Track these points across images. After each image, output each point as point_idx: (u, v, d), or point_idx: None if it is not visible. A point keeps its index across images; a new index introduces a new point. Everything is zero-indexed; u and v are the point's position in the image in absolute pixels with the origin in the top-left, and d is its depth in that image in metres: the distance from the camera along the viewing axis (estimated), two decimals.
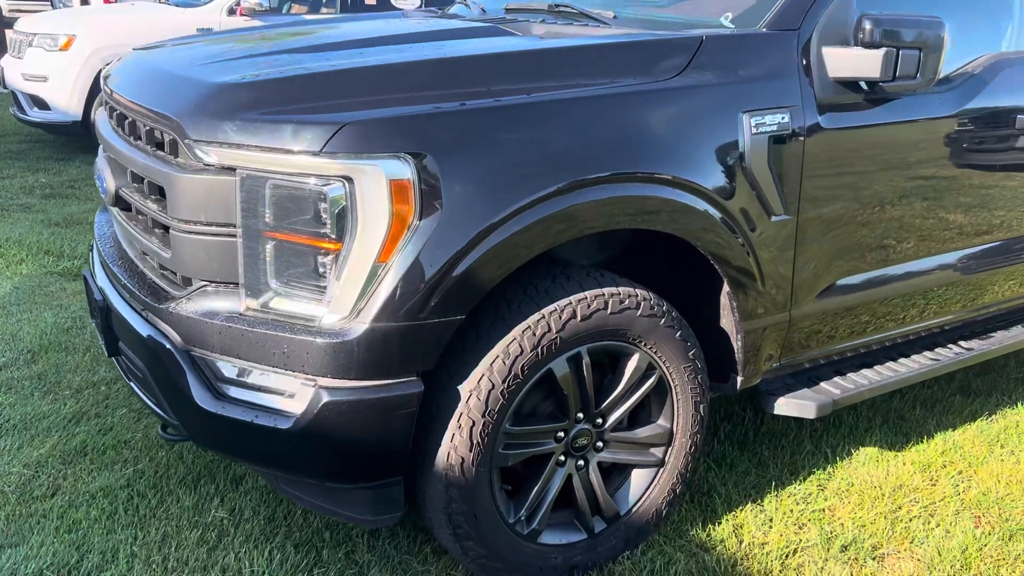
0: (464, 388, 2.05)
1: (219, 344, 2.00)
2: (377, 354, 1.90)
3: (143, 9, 8.54)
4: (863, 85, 2.40)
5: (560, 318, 2.10)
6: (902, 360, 2.97)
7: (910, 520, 2.72)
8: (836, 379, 2.81)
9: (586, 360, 2.19)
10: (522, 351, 2.06)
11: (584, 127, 2.03)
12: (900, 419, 3.36)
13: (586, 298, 2.14)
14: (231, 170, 1.93)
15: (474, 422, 2.05)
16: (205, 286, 2.05)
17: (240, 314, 1.99)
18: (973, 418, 3.40)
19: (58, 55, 7.48)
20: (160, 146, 2.10)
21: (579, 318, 2.12)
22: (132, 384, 2.38)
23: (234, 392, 2.05)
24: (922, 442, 3.20)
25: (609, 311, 2.16)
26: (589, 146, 2.03)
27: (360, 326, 1.89)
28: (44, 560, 2.30)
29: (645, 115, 2.12)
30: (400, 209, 1.86)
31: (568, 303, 2.11)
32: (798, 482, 2.91)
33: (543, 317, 2.08)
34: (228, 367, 2.05)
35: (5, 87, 8.02)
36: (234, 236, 1.95)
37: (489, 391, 2.04)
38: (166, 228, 2.08)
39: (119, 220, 2.50)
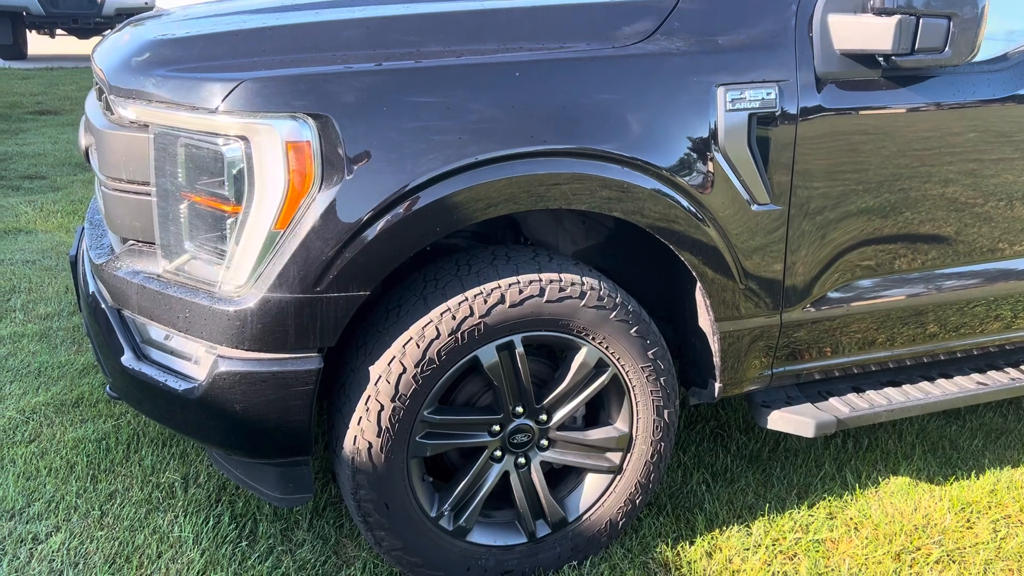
0: (374, 370, 1.92)
1: (136, 304, 1.97)
2: (271, 326, 1.81)
3: None
4: (880, 60, 2.07)
5: (485, 303, 1.93)
6: (940, 381, 2.59)
7: (925, 565, 2.37)
8: (850, 395, 2.47)
9: (519, 350, 2.01)
10: (438, 335, 1.91)
11: (512, 95, 1.85)
12: (951, 448, 2.95)
13: (518, 283, 1.96)
14: (147, 127, 1.89)
15: (382, 406, 1.92)
16: (132, 245, 2.04)
17: (158, 276, 1.95)
18: None
19: None
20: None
21: (508, 304, 1.94)
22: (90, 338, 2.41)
23: (155, 355, 2.03)
24: (970, 477, 2.79)
25: (545, 299, 1.97)
26: (517, 116, 1.84)
27: (255, 295, 1.80)
28: None
29: (593, 84, 1.90)
30: (297, 173, 1.75)
31: (496, 287, 1.94)
32: (803, 507, 2.59)
33: (465, 300, 1.93)
34: (155, 330, 2.02)
35: None
36: (150, 195, 1.91)
37: (400, 375, 1.91)
38: None
39: None
